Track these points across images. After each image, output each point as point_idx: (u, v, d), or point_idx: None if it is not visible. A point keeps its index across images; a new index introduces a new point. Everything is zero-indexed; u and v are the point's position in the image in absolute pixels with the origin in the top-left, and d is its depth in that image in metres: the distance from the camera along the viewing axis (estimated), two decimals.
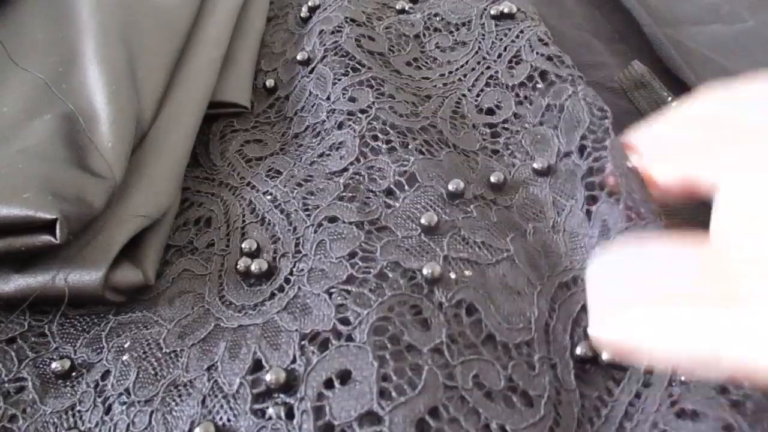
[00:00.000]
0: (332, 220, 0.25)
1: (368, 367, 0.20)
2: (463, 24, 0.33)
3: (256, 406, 0.20)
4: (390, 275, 0.22)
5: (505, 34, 0.31)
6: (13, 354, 0.23)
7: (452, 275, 0.22)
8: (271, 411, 0.20)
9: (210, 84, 0.30)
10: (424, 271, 0.22)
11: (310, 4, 0.35)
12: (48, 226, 0.22)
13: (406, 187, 0.25)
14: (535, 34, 0.31)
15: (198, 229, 0.27)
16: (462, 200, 0.25)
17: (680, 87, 0.36)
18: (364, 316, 0.21)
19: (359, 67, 0.30)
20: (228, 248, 0.26)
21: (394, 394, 0.19)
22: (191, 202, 0.28)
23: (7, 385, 0.22)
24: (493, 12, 0.32)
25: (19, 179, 0.23)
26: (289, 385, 0.20)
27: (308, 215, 0.25)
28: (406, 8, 0.34)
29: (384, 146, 0.27)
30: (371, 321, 0.21)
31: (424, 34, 0.33)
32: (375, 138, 0.27)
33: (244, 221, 0.26)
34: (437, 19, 0.33)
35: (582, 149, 0.25)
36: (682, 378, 0.20)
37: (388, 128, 0.27)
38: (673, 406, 0.19)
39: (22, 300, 0.23)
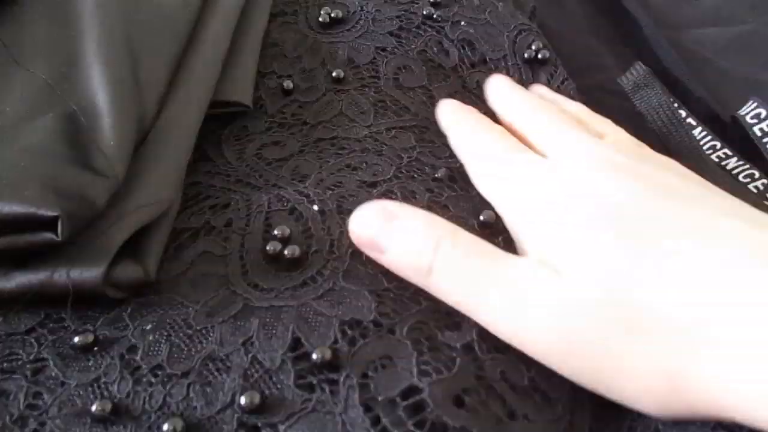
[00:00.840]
0: None
1: (408, 356, 0.21)
2: (499, 59, 0.34)
3: (300, 381, 0.21)
4: (423, 295, 0.23)
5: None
6: (33, 341, 0.23)
7: None
8: (315, 384, 0.20)
9: (212, 83, 0.30)
10: None
11: (332, 14, 0.35)
12: (50, 224, 0.22)
13: (440, 213, 0.26)
14: (569, 94, 0.32)
15: (213, 212, 0.27)
16: (494, 230, 0.26)
17: (681, 89, 0.36)
18: (404, 316, 0.22)
19: (401, 112, 0.31)
20: (248, 227, 0.25)
21: (432, 373, 0.20)
22: (206, 195, 0.28)
23: (27, 366, 0.22)
24: (526, 55, 0.33)
25: (21, 177, 0.23)
26: (334, 364, 0.21)
27: (343, 219, 0.25)
28: (434, 15, 0.35)
29: (419, 176, 0.28)
30: (410, 322, 0.22)
31: (461, 67, 0.33)
32: (410, 169, 0.28)
33: (269, 207, 0.26)
34: (470, 48, 0.34)
35: None
36: None
37: (425, 166, 0.28)
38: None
39: (24, 297, 0.23)
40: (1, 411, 0.21)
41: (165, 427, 0.20)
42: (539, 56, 0.33)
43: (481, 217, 0.26)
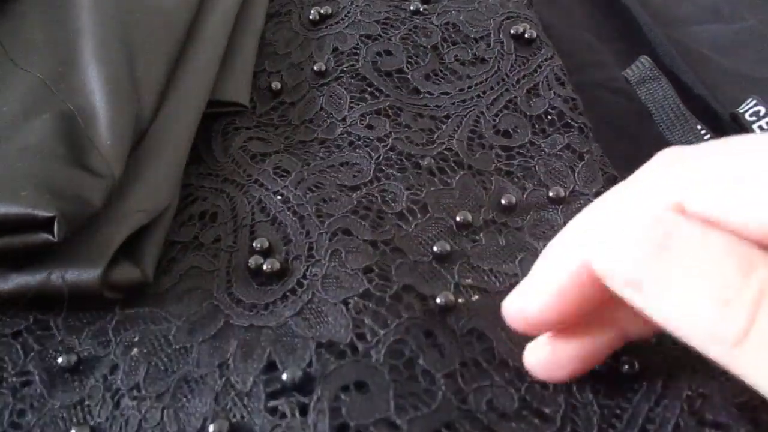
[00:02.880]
0: (346, 232, 0.25)
1: (384, 385, 0.20)
2: (482, 38, 0.33)
3: (270, 404, 0.21)
4: (405, 298, 0.23)
5: (524, 63, 0.32)
6: (18, 347, 0.23)
7: (461, 300, 0.23)
8: (285, 409, 0.20)
9: (209, 82, 0.30)
10: (438, 300, 0.23)
11: (321, 11, 0.35)
12: (46, 225, 0.22)
13: (419, 215, 0.26)
14: (553, 72, 0.32)
15: (203, 224, 0.27)
16: (472, 229, 0.26)
17: (680, 87, 0.36)
18: (382, 336, 0.22)
19: (377, 93, 0.31)
20: (236, 245, 0.26)
21: (410, 408, 0.20)
22: (195, 197, 0.28)
23: (13, 379, 0.22)
24: (512, 31, 0.33)
25: (18, 178, 0.23)
26: (305, 386, 0.21)
27: (322, 222, 0.26)
28: (420, 9, 0.34)
29: (398, 174, 0.28)
30: (388, 342, 0.21)
31: (442, 45, 0.33)
32: (390, 165, 0.28)
33: (253, 219, 0.26)
34: (454, 30, 0.34)
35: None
36: (700, 390, 0.20)
37: (403, 158, 0.28)
38: (694, 415, 0.20)
39: (22, 298, 0.23)
40: None
41: None
42: (526, 35, 0.33)
43: (458, 218, 0.26)
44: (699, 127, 0.33)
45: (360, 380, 0.21)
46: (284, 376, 0.21)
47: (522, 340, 0.22)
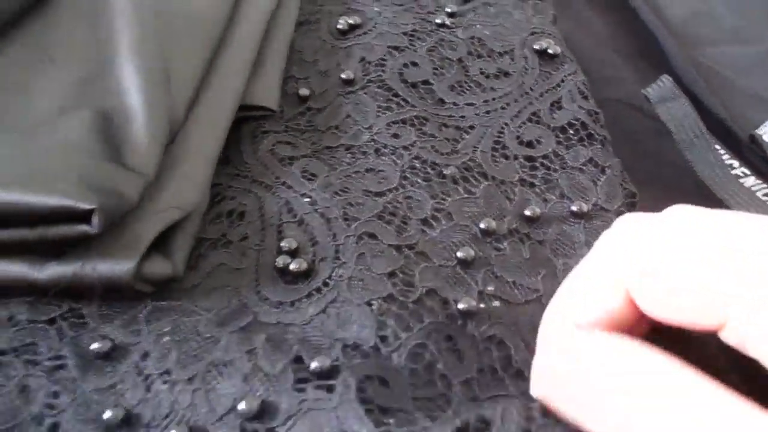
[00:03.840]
0: (372, 236, 0.26)
1: (404, 386, 0.21)
2: (506, 52, 0.34)
3: (298, 386, 0.22)
4: (428, 302, 0.24)
5: (547, 77, 0.33)
6: (53, 333, 0.24)
7: (482, 305, 0.24)
8: (312, 387, 0.22)
9: (240, 87, 0.31)
10: (460, 306, 0.24)
11: (351, 21, 0.36)
12: (84, 217, 0.23)
13: (443, 222, 0.27)
14: (576, 86, 0.33)
15: (231, 222, 0.28)
16: (495, 237, 0.27)
17: (699, 107, 0.36)
18: (404, 340, 0.23)
19: (403, 103, 0.32)
20: (263, 243, 0.27)
21: (425, 411, 0.21)
22: (223, 197, 0.29)
23: (48, 362, 0.23)
24: (536, 47, 0.34)
25: (59, 170, 0.24)
26: (331, 374, 0.22)
27: (348, 225, 0.27)
28: (447, 23, 0.35)
29: (423, 182, 0.29)
30: (409, 346, 0.22)
31: (467, 58, 0.34)
32: (415, 173, 0.29)
33: (280, 219, 0.27)
34: (479, 44, 0.35)
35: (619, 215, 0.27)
36: None
37: (428, 166, 0.29)
38: None
39: (57, 288, 0.24)
40: (22, 406, 0.22)
41: None
42: (549, 51, 0.34)
43: (482, 225, 0.27)
44: (718, 147, 0.34)
45: (382, 377, 0.22)
46: (312, 365, 0.22)
47: None
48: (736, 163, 0.34)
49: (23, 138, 0.26)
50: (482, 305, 0.24)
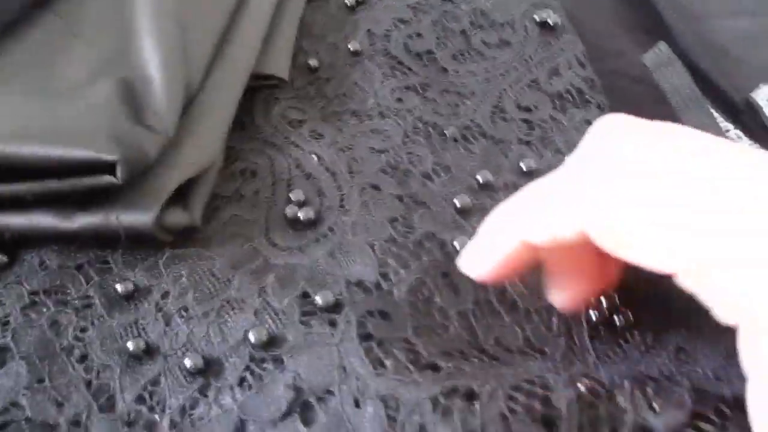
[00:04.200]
0: (375, 187, 0.28)
1: (403, 317, 0.23)
2: (507, 23, 0.36)
3: (304, 319, 0.24)
4: (426, 244, 0.26)
5: (547, 47, 0.35)
6: (81, 277, 0.26)
7: None
8: (316, 322, 0.23)
9: (252, 56, 0.33)
10: (456, 243, 0.26)
11: None
12: (109, 169, 0.25)
13: (442, 174, 0.29)
14: (575, 55, 0.34)
15: (244, 179, 0.30)
16: (492, 188, 0.28)
17: (697, 74, 0.37)
18: (403, 276, 0.24)
19: (407, 71, 0.34)
20: (273, 196, 0.29)
21: (425, 335, 0.23)
22: (237, 157, 0.31)
23: (77, 302, 0.25)
24: (536, 18, 0.35)
25: (86, 128, 0.26)
26: (335, 309, 0.23)
27: (352, 177, 0.29)
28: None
29: (424, 140, 0.31)
30: (409, 281, 0.24)
31: (469, 29, 0.36)
32: (417, 132, 0.31)
33: (290, 174, 0.29)
34: (482, 15, 0.36)
35: None
36: (686, 345, 0.22)
37: (429, 127, 0.31)
38: (679, 364, 0.22)
39: (85, 236, 0.26)
40: (53, 339, 0.24)
41: (187, 362, 0.23)
42: (549, 22, 0.35)
43: (479, 177, 0.28)
44: (712, 111, 0.35)
45: (383, 310, 0.23)
46: (317, 299, 0.24)
47: (532, 284, 0.24)
48: (730, 127, 0.35)
49: (54, 100, 0.28)
50: None
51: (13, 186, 0.25)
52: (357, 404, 0.21)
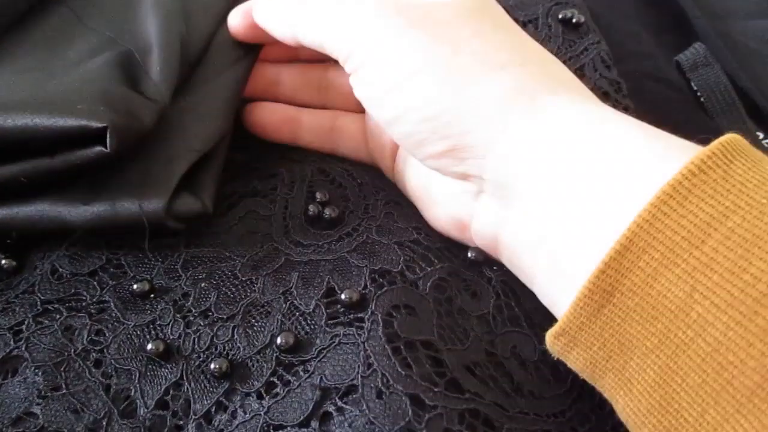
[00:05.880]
0: (398, 204, 0.27)
1: (429, 312, 0.22)
2: (530, 21, 0.35)
3: (330, 321, 0.23)
4: (448, 252, 0.25)
5: (570, 46, 0.34)
6: (95, 284, 0.25)
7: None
8: (343, 322, 0.22)
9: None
10: (470, 254, 0.25)
11: None
12: (99, 138, 0.23)
13: None
14: (599, 55, 0.33)
15: (260, 179, 0.29)
16: None
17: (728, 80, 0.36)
18: (428, 271, 0.24)
19: None
20: (292, 192, 0.27)
21: (447, 341, 0.22)
22: (254, 167, 0.30)
23: (91, 307, 0.24)
24: (560, 16, 0.34)
25: (75, 95, 0.24)
26: (361, 305, 0.22)
27: (377, 192, 0.28)
28: None
29: None
30: (433, 278, 0.23)
31: None
32: None
33: (312, 176, 0.28)
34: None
35: None
36: None
37: None
38: None
39: (92, 230, 0.25)
40: (67, 343, 0.23)
41: (212, 366, 0.22)
42: (573, 20, 0.34)
43: None
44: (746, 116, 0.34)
45: (408, 304, 0.22)
46: (343, 296, 0.22)
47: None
48: (761, 135, 0.34)
49: (48, 75, 0.27)
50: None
51: (4, 168, 0.24)
52: (380, 396, 0.20)
